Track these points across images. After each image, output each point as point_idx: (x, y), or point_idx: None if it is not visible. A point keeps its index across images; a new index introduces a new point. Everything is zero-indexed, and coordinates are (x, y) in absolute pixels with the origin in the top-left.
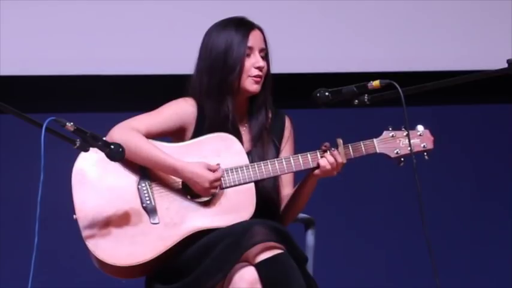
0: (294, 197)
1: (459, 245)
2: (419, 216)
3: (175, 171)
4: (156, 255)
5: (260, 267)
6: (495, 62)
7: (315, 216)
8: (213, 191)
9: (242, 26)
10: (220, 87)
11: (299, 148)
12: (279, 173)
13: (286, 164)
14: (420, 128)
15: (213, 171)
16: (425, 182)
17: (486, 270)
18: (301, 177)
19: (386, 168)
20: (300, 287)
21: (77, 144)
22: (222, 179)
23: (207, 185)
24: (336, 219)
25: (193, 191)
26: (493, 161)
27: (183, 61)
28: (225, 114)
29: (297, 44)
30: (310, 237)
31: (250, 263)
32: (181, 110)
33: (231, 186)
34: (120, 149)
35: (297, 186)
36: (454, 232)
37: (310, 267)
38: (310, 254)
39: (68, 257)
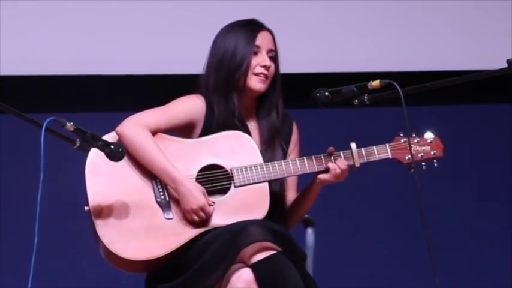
0: (299, 201)
1: (459, 245)
2: (419, 216)
3: (173, 182)
4: (170, 251)
5: (255, 268)
6: (495, 62)
7: (315, 216)
8: (195, 217)
9: (252, 25)
10: (227, 83)
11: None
12: (292, 173)
13: (300, 164)
14: (430, 135)
15: (208, 203)
16: (425, 182)
17: (486, 270)
18: (305, 183)
19: (387, 168)
20: (296, 286)
21: (77, 144)
22: (211, 212)
23: (195, 207)
24: (335, 219)
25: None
26: (492, 161)
27: (183, 61)
28: (231, 111)
29: (297, 44)
30: (310, 237)
31: (245, 263)
32: (191, 105)
33: (245, 185)
34: (120, 149)
35: (302, 190)
36: (453, 232)
37: (309, 267)
38: (309, 253)
39: (68, 257)
